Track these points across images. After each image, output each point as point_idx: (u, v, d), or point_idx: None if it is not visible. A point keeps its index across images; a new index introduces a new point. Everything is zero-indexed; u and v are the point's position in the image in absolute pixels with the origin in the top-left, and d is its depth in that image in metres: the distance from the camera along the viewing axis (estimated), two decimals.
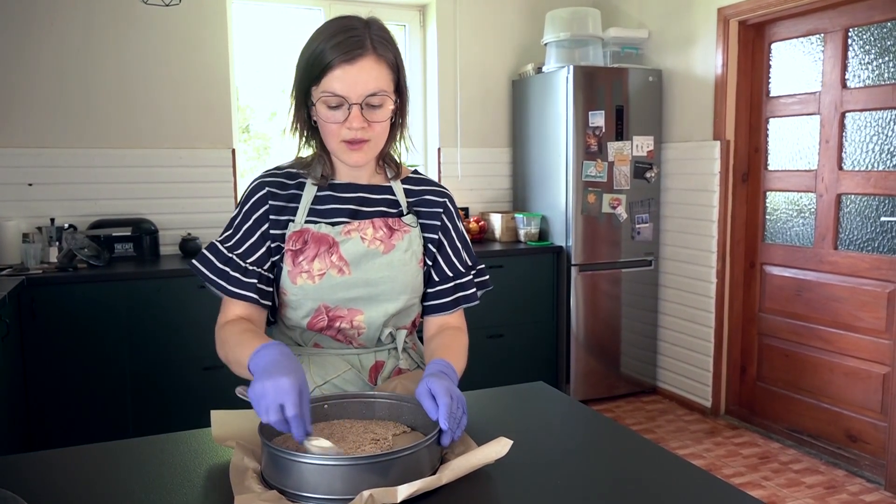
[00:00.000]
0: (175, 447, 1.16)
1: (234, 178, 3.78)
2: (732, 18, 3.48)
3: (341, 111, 1.18)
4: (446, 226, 1.36)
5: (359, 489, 0.91)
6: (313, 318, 1.28)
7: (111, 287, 3.08)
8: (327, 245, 1.26)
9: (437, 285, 1.35)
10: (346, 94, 1.16)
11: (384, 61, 1.19)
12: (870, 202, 3.07)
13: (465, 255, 1.39)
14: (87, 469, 1.09)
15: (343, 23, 1.19)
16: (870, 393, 3.07)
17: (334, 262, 1.26)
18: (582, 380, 3.93)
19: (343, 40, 1.16)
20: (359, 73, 1.16)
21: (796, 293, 3.39)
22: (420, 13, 4.25)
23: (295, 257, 1.26)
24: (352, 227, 1.28)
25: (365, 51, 1.16)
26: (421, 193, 1.36)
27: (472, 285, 1.38)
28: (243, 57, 3.90)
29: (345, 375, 1.31)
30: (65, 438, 3.02)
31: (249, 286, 1.25)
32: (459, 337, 1.33)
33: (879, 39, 2.99)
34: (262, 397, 0.97)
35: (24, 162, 3.40)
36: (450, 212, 1.37)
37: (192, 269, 1.28)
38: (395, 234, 1.30)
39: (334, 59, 1.15)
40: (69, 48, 3.44)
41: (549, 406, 1.40)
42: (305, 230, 1.27)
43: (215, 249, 1.27)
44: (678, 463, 1.09)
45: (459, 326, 1.37)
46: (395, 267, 1.28)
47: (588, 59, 3.92)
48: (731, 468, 3.13)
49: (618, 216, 3.91)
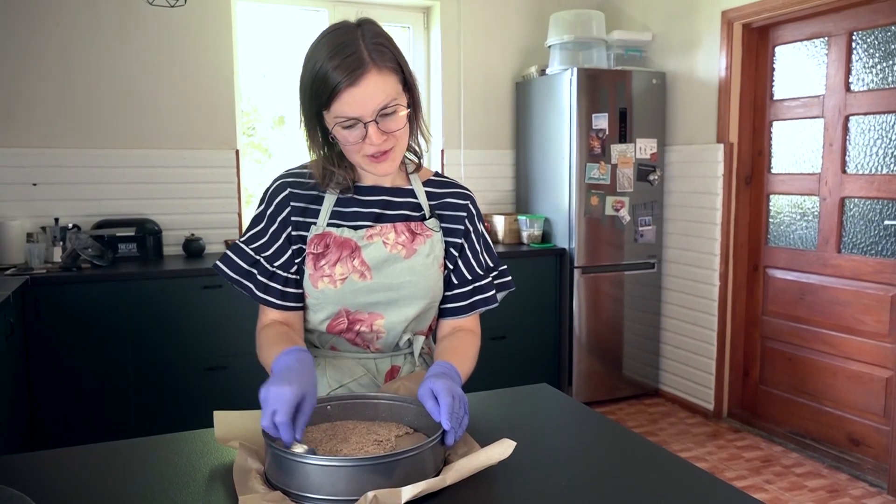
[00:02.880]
0: (178, 447, 1.16)
1: (237, 179, 3.78)
2: (736, 21, 3.48)
3: (358, 130, 1.16)
4: (468, 229, 1.35)
5: (363, 490, 0.91)
6: (333, 321, 1.28)
7: (115, 287, 3.08)
8: (349, 250, 1.26)
9: (455, 288, 1.34)
10: (359, 114, 1.14)
11: (386, 69, 1.16)
12: (873, 206, 3.06)
13: (484, 258, 1.38)
14: (90, 468, 1.09)
15: (337, 39, 1.15)
16: (873, 397, 3.07)
17: (356, 266, 1.25)
18: (584, 382, 3.93)
19: (341, 62, 1.12)
20: (365, 93, 1.13)
21: (799, 296, 3.39)
22: (424, 15, 4.26)
23: (317, 261, 1.26)
24: (374, 232, 1.27)
25: (365, 69, 1.13)
26: (443, 196, 1.35)
27: (490, 287, 1.37)
28: (248, 58, 3.91)
29: (360, 380, 1.31)
30: (67, 438, 3.02)
31: (274, 291, 1.25)
32: (470, 340, 1.32)
33: (884, 43, 2.99)
34: (264, 402, 1.00)
35: (28, 162, 3.41)
36: (472, 215, 1.36)
37: (215, 269, 1.28)
38: (417, 238, 1.29)
39: (338, 84, 1.12)
40: (74, 49, 3.45)
41: (552, 408, 1.40)
42: (328, 234, 1.26)
43: (240, 251, 1.27)
44: (682, 465, 1.09)
45: (472, 329, 1.35)
46: (416, 272, 1.28)
47: (592, 62, 3.93)
48: (733, 471, 3.12)
49: (621, 218, 3.91)
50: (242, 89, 3.90)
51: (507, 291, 1.42)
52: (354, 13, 1.27)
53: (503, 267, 1.42)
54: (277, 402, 0.98)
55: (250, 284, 1.26)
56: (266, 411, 0.99)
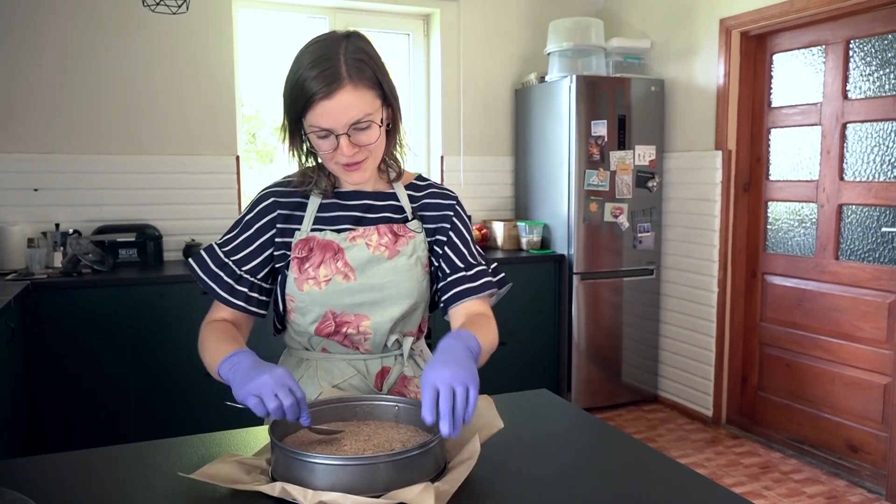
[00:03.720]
0: (178, 452, 1.17)
1: (238, 185, 3.79)
2: (734, 30, 3.50)
3: (330, 141, 1.20)
4: (456, 224, 1.36)
5: (358, 488, 0.92)
6: (321, 323, 1.30)
7: (115, 292, 3.09)
8: (333, 252, 1.28)
9: (457, 271, 1.33)
10: (331, 126, 1.18)
11: (362, 85, 1.17)
12: (871, 213, 3.07)
13: (478, 249, 1.39)
14: (90, 473, 1.10)
15: (319, 51, 1.18)
16: (871, 403, 3.07)
17: (340, 268, 1.28)
18: (583, 388, 3.93)
19: (319, 74, 1.15)
20: (338, 107, 1.16)
21: (797, 303, 3.40)
22: (424, 22, 4.28)
23: (301, 264, 1.28)
24: (357, 234, 1.30)
25: (341, 83, 1.15)
26: (425, 197, 1.37)
27: (496, 274, 1.39)
28: (249, 65, 3.93)
29: (351, 380, 1.33)
30: (67, 442, 3.03)
31: (239, 294, 1.29)
32: (486, 321, 1.29)
33: (880, 51, 3.01)
34: (263, 386, 1.02)
35: (29, 167, 3.42)
36: (459, 213, 1.38)
37: (186, 267, 1.32)
38: (400, 239, 1.31)
39: (313, 95, 1.15)
40: (75, 55, 3.47)
41: (551, 414, 1.40)
42: (311, 238, 1.29)
43: (212, 252, 1.31)
44: (681, 472, 1.10)
45: (487, 313, 1.32)
46: (399, 272, 1.30)
47: (591, 69, 3.95)
48: (732, 477, 3.13)
49: (619, 225, 3.92)
50: (243, 96, 3.91)
51: (508, 287, 1.42)
52: (355, 20, 1.29)
53: (495, 265, 1.43)
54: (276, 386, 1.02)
55: (214, 285, 1.29)
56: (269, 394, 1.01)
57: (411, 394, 1.37)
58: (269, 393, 1.02)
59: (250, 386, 1.03)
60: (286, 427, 1.09)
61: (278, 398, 1.02)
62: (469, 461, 1.01)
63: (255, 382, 1.03)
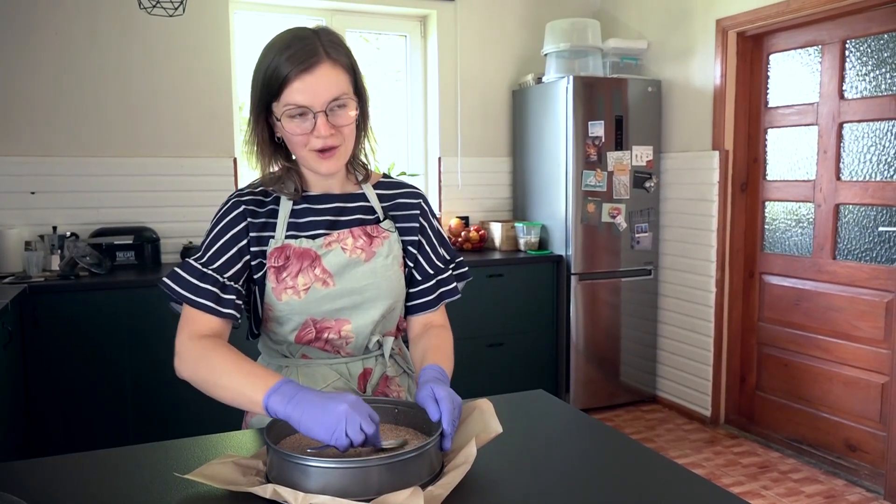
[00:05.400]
0: (176, 454, 1.17)
1: (235, 187, 3.79)
2: (731, 30, 3.51)
3: (307, 122, 1.17)
4: (423, 226, 1.37)
5: (363, 491, 0.92)
6: (301, 331, 1.28)
7: (113, 295, 3.09)
8: (310, 259, 1.26)
9: (419, 284, 1.36)
10: (309, 103, 1.16)
11: (339, 65, 1.18)
12: (868, 212, 3.08)
13: (442, 251, 1.41)
14: (88, 475, 1.10)
15: (293, 33, 1.20)
16: (869, 402, 3.08)
17: (318, 275, 1.26)
18: (581, 389, 3.93)
19: (296, 51, 1.15)
20: (318, 81, 1.15)
21: (795, 303, 3.40)
22: (421, 24, 4.28)
23: (278, 273, 1.26)
24: (332, 239, 1.28)
25: (320, 58, 1.16)
26: (395, 197, 1.37)
27: (452, 280, 1.41)
28: (246, 68, 3.92)
29: (334, 384, 1.32)
30: (65, 445, 3.02)
31: (227, 302, 1.21)
32: (446, 336, 1.35)
33: (877, 51, 3.01)
34: (343, 419, 0.97)
35: (26, 170, 3.42)
36: (425, 211, 1.38)
37: (162, 287, 1.22)
38: (375, 240, 1.31)
39: (291, 71, 1.14)
40: (72, 57, 3.47)
41: (550, 415, 1.40)
42: (287, 246, 1.26)
43: (188, 267, 1.23)
44: (680, 472, 1.10)
45: (444, 324, 1.38)
46: (377, 273, 1.29)
47: (588, 70, 3.95)
48: (730, 477, 3.13)
49: (617, 225, 3.92)
50: (240, 98, 3.91)
51: (466, 281, 1.45)
52: (351, 22, 1.29)
53: (459, 258, 1.45)
54: (361, 417, 0.98)
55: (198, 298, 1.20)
56: (353, 433, 0.97)
57: (394, 393, 1.38)
58: (355, 425, 0.97)
59: (328, 421, 0.97)
60: (282, 429, 1.09)
61: (363, 430, 0.98)
62: (464, 465, 1.01)
63: (333, 417, 0.97)
